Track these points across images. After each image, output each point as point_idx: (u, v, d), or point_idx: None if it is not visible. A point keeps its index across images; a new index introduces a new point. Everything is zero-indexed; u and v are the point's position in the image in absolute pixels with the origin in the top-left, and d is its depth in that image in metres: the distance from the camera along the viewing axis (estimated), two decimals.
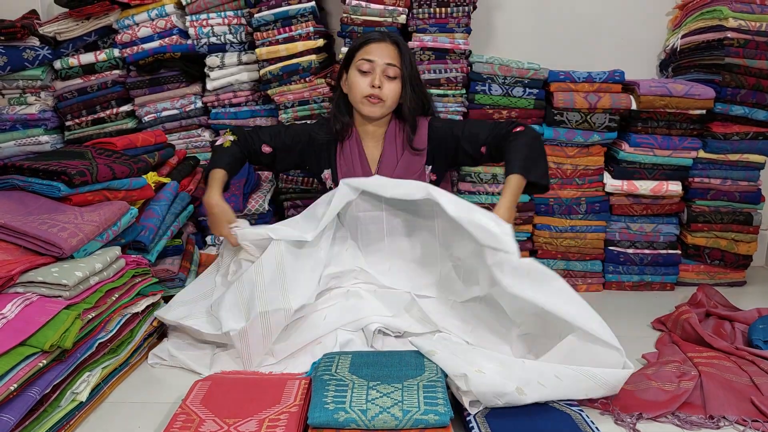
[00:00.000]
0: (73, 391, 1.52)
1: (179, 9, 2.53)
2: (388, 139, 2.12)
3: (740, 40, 2.47)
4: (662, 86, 2.44)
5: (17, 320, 1.43)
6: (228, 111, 2.60)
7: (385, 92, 2.00)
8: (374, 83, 1.98)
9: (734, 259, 2.64)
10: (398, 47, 2.02)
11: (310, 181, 2.61)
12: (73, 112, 2.59)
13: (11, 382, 1.32)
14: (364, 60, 1.99)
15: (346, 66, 2.07)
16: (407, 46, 2.07)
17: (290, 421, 1.41)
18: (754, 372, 1.75)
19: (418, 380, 1.54)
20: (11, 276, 1.51)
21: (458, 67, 2.44)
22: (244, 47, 2.55)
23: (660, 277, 2.63)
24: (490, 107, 2.49)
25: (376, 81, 1.98)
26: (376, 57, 1.99)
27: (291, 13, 2.41)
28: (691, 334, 2.01)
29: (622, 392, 1.69)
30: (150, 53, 2.50)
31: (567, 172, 2.57)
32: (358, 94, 2.01)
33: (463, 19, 2.44)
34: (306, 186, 2.63)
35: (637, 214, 2.60)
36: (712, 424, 1.56)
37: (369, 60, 1.99)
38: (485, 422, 1.49)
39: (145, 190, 2.13)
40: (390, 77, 2.01)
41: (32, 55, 2.44)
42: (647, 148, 2.51)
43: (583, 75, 2.49)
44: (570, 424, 1.48)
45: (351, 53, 2.05)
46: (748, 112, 2.50)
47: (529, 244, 2.65)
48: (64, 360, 1.49)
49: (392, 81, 2.01)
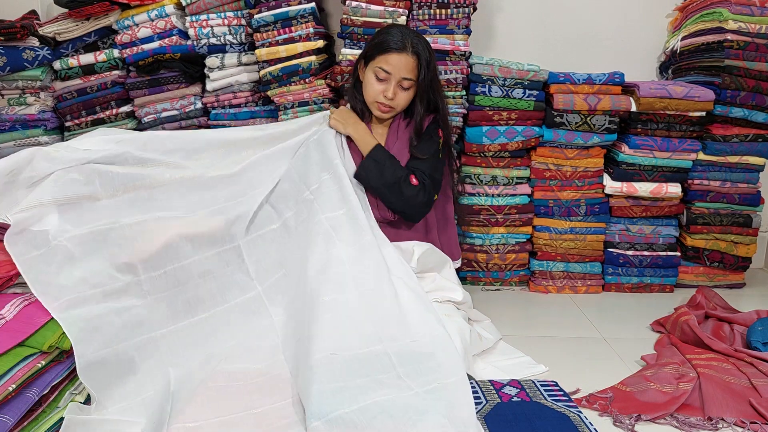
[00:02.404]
0: (71, 391, 1.52)
1: (179, 10, 2.53)
2: (393, 128, 2.17)
3: (740, 42, 2.47)
4: (662, 88, 2.45)
5: (16, 321, 1.43)
6: (228, 112, 2.59)
7: (396, 101, 2.05)
8: (387, 94, 2.03)
9: (733, 261, 2.64)
10: (418, 58, 2.02)
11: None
12: (73, 113, 2.58)
13: (10, 382, 1.32)
14: (382, 69, 2.01)
15: (365, 57, 2.09)
16: (429, 51, 2.05)
17: None
18: (752, 374, 1.76)
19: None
20: (10, 277, 1.51)
21: (458, 69, 2.44)
22: (244, 48, 2.55)
23: (659, 278, 2.63)
24: (490, 109, 2.49)
25: (389, 93, 2.02)
26: (394, 70, 2.00)
27: (291, 14, 2.41)
28: (690, 336, 2.02)
29: (621, 393, 1.69)
30: (150, 54, 2.50)
31: (566, 174, 2.57)
32: (371, 96, 2.07)
33: (463, 21, 2.44)
34: None
35: (636, 215, 2.60)
36: (710, 426, 1.56)
37: (386, 71, 2.01)
38: (484, 423, 1.49)
39: None
40: (404, 88, 2.05)
41: (32, 55, 2.43)
42: (647, 150, 2.51)
43: (583, 77, 2.49)
44: (568, 425, 1.48)
45: (372, 51, 2.05)
46: (748, 114, 2.50)
47: (528, 246, 2.65)
48: (63, 361, 1.49)
49: (406, 91, 2.06)
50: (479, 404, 1.59)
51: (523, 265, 2.66)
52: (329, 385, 1.48)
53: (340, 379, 1.50)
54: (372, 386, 1.50)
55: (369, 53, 2.07)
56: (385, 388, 1.50)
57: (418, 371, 1.55)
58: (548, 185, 2.59)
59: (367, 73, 2.08)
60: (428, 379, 1.53)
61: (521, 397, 1.64)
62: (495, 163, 2.55)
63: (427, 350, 1.60)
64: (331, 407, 1.43)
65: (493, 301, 2.49)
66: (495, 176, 2.56)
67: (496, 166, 2.55)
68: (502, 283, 2.67)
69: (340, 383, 1.49)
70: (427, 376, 1.54)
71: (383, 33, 2.07)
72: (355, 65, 2.17)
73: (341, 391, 1.47)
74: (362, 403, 1.45)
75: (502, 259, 2.63)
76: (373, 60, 2.04)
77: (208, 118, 2.63)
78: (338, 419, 1.40)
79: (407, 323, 1.68)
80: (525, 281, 2.69)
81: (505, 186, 2.57)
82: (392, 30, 2.06)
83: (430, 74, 2.05)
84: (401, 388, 1.51)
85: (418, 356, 1.59)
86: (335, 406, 1.43)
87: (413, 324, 1.68)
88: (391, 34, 2.03)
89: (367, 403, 1.45)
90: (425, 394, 1.49)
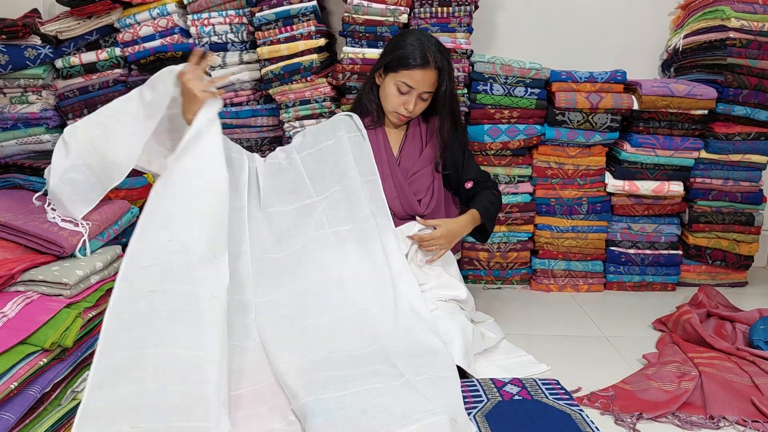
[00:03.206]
0: (73, 389, 1.52)
1: (181, 8, 2.53)
2: (411, 131, 2.19)
3: (743, 40, 2.46)
4: (664, 86, 2.44)
5: (18, 319, 1.43)
6: (229, 110, 2.59)
7: (415, 112, 2.09)
8: (408, 107, 2.05)
9: (735, 259, 2.64)
10: (439, 73, 2.04)
11: None
12: (75, 111, 2.59)
13: (12, 380, 1.32)
14: (405, 84, 2.02)
15: (385, 66, 2.07)
16: (448, 61, 2.06)
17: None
18: (754, 372, 1.76)
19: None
20: (12, 274, 1.51)
21: (460, 67, 2.44)
22: (245, 46, 2.55)
23: (661, 277, 2.63)
24: (492, 107, 2.49)
25: (410, 107, 2.05)
26: (417, 85, 2.02)
27: (292, 12, 2.41)
28: (692, 335, 2.01)
29: (623, 392, 1.69)
30: (151, 52, 2.50)
31: (568, 173, 2.56)
32: (392, 107, 2.08)
33: (464, 19, 2.43)
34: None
35: (638, 214, 2.60)
36: (712, 425, 1.56)
37: (410, 86, 2.02)
38: (485, 422, 1.49)
39: (146, 189, 2.13)
40: (423, 99, 2.08)
41: (34, 53, 2.44)
42: (649, 148, 2.50)
43: (585, 75, 2.48)
44: (570, 423, 1.48)
45: (395, 65, 2.03)
46: (750, 112, 2.50)
47: (530, 244, 2.65)
48: (65, 358, 1.49)
49: (424, 102, 2.09)
50: (480, 402, 1.59)
51: (524, 264, 2.66)
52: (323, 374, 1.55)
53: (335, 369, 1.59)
54: (366, 375, 1.56)
55: (390, 65, 2.05)
56: (378, 376, 1.55)
57: (413, 364, 1.60)
58: (550, 184, 2.58)
59: (387, 83, 2.07)
60: (424, 370, 1.58)
61: (523, 395, 1.64)
62: (497, 161, 2.55)
63: (425, 350, 1.67)
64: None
65: (494, 300, 2.49)
66: (497, 174, 2.55)
67: (498, 165, 2.55)
68: (503, 281, 2.67)
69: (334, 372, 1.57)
70: (423, 368, 1.59)
71: (404, 44, 2.03)
72: (372, 71, 2.16)
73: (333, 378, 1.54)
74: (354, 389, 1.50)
75: (504, 257, 2.63)
76: (396, 73, 2.03)
77: None
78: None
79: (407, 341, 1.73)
80: (527, 280, 2.69)
81: (507, 184, 2.56)
82: (412, 41, 2.03)
83: (450, 84, 2.08)
84: (394, 376, 1.55)
85: (416, 353, 1.65)
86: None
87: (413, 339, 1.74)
88: (413, 47, 2.01)
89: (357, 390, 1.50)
90: (419, 383, 1.53)
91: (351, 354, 1.66)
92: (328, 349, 1.67)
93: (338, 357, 1.64)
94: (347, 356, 1.64)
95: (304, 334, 1.74)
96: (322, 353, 1.65)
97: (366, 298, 1.84)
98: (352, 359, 1.63)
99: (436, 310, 1.89)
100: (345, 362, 1.62)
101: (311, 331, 1.74)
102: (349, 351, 1.66)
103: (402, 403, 1.43)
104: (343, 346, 1.69)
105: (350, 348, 1.68)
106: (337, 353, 1.66)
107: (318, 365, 1.61)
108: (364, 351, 1.67)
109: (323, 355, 1.65)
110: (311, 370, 1.59)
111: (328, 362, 1.62)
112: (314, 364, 1.61)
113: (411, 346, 1.68)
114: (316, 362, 1.62)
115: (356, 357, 1.64)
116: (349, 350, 1.67)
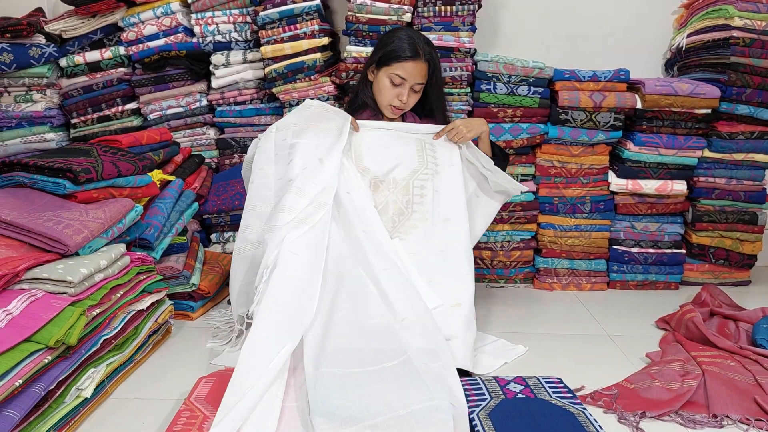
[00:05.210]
0: (77, 387, 1.53)
1: (185, 7, 2.54)
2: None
3: (746, 39, 2.46)
4: (667, 85, 2.44)
5: (22, 316, 1.44)
6: (233, 109, 2.60)
7: (408, 103, 2.14)
8: (402, 99, 2.10)
9: (739, 258, 2.64)
10: (429, 65, 2.10)
11: None
12: (79, 110, 2.60)
13: (16, 377, 1.33)
14: (398, 76, 2.07)
15: (377, 62, 2.11)
16: (435, 53, 2.13)
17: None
18: (757, 371, 1.75)
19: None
20: (17, 272, 1.52)
21: (463, 66, 2.44)
22: (249, 45, 2.55)
23: (664, 276, 2.63)
24: (495, 106, 2.49)
25: (404, 98, 2.10)
26: (409, 76, 2.08)
27: (296, 11, 2.42)
28: (695, 334, 2.01)
29: (626, 390, 1.69)
30: (155, 51, 2.51)
31: (572, 171, 2.56)
32: (386, 100, 2.13)
33: (468, 18, 2.44)
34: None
35: (641, 213, 2.60)
36: (715, 423, 1.56)
37: (402, 77, 2.07)
38: (488, 419, 1.49)
39: (150, 187, 2.14)
40: (415, 91, 2.13)
41: (38, 52, 2.45)
42: (652, 147, 2.50)
43: (588, 74, 2.48)
44: (573, 422, 1.48)
45: (386, 58, 2.09)
46: (754, 111, 2.50)
47: (533, 243, 2.65)
48: (69, 356, 1.49)
49: (416, 93, 2.15)
50: (483, 401, 1.59)
51: (527, 263, 2.66)
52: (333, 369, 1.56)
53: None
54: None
55: (382, 59, 2.10)
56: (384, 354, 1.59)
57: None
58: (553, 182, 2.58)
59: (380, 78, 2.11)
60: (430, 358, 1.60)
61: (526, 393, 1.64)
62: None
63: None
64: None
65: (497, 298, 2.50)
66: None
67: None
68: (506, 280, 2.67)
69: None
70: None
71: (394, 38, 2.10)
72: (365, 68, 2.19)
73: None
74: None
75: (507, 256, 2.63)
76: (388, 66, 2.08)
77: (213, 115, 2.64)
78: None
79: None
80: (530, 278, 2.69)
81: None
82: (401, 35, 2.10)
83: (439, 79, 2.18)
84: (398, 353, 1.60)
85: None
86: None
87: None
88: (402, 41, 2.08)
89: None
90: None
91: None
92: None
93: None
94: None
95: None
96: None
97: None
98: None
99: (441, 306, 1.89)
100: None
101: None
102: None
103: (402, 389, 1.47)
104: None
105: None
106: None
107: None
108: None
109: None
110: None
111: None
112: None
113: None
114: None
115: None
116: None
